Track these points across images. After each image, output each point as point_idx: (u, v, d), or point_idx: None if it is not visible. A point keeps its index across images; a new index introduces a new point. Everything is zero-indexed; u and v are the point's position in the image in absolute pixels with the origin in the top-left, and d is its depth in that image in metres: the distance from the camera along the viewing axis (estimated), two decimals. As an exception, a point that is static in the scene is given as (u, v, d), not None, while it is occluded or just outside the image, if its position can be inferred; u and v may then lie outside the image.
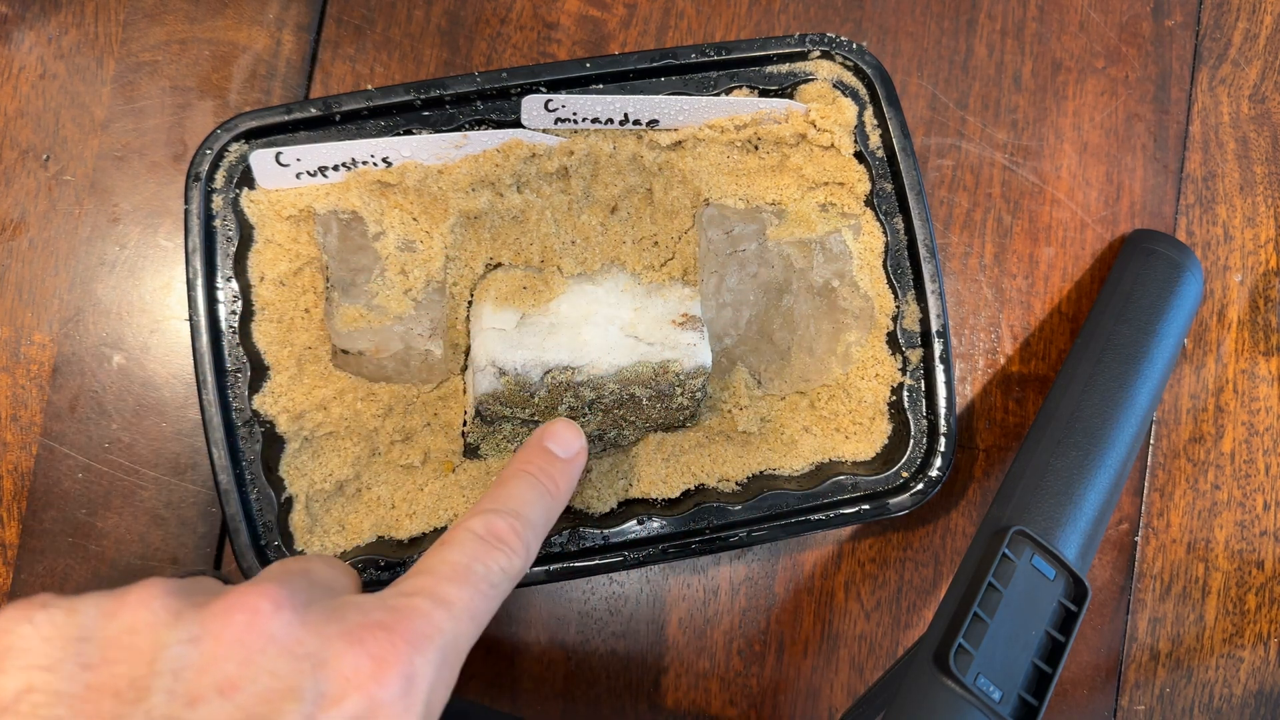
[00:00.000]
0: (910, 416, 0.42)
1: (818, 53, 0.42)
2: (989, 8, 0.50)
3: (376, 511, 0.40)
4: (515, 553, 0.29)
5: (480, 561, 0.28)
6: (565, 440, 0.33)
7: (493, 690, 0.45)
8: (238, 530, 0.38)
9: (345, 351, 0.40)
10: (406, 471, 0.41)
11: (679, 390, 0.40)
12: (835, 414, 0.43)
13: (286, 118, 0.39)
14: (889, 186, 0.43)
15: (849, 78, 0.43)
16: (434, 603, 0.26)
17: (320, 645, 0.24)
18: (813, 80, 0.42)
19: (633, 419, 0.41)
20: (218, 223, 0.39)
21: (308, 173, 0.39)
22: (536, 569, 0.38)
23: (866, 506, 0.41)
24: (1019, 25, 0.50)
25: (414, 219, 0.40)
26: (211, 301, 0.38)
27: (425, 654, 0.25)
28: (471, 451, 0.41)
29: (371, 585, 0.38)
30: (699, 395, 0.41)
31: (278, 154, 0.39)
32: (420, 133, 0.40)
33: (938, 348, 0.41)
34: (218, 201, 0.39)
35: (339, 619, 0.25)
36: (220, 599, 0.25)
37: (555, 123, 0.41)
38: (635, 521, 0.40)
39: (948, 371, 0.41)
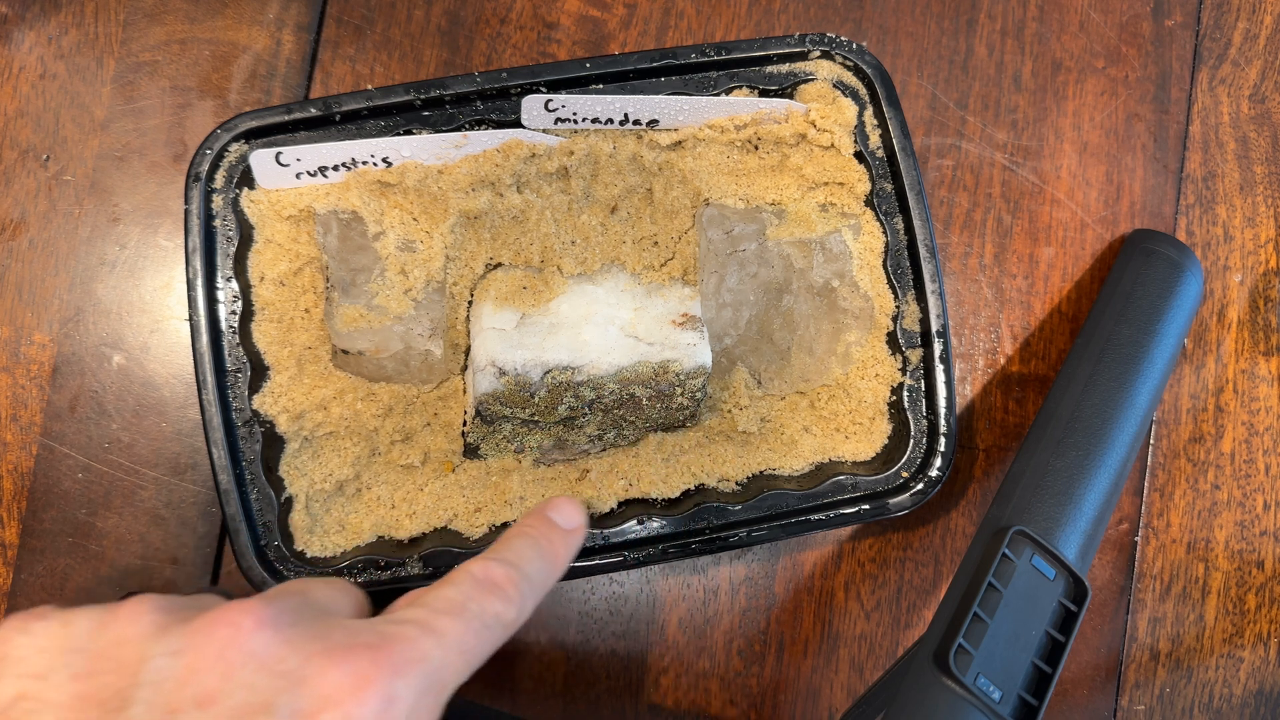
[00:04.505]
0: (910, 416, 0.42)
1: (818, 53, 0.42)
2: (989, 8, 0.50)
3: (376, 511, 0.40)
4: (510, 601, 0.29)
5: (475, 601, 0.28)
6: (567, 514, 0.34)
7: (493, 690, 0.45)
8: (238, 530, 0.38)
9: (345, 351, 0.40)
10: (406, 471, 0.41)
11: (679, 390, 0.40)
12: (835, 414, 0.43)
13: (286, 118, 0.39)
14: (889, 186, 0.43)
15: (849, 78, 0.43)
16: (423, 631, 0.26)
17: (301, 663, 0.24)
18: (813, 80, 0.42)
19: (633, 419, 0.41)
20: (218, 223, 0.39)
21: (308, 173, 0.39)
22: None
23: (866, 506, 0.41)
24: (1019, 25, 0.50)
25: (414, 219, 0.40)
26: (211, 301, 0.38)
27: (407, 678, 0.25)
28: (471, 451, 0.41)
29: (370, 585, 0.38)
30: (699, 395, 0.41)
31: (278, 154, 0.39)
32: (420, 133, 0.40)
33: (938, 348, 0.41)
34: (218, 201, 0.39)
35: (323, 638, 0.25)
36: (205, 615, 0.25)
37: (555, 123, 0.41)
38: (635, 521, 0.40)
39: (948, 371, 0.41)
